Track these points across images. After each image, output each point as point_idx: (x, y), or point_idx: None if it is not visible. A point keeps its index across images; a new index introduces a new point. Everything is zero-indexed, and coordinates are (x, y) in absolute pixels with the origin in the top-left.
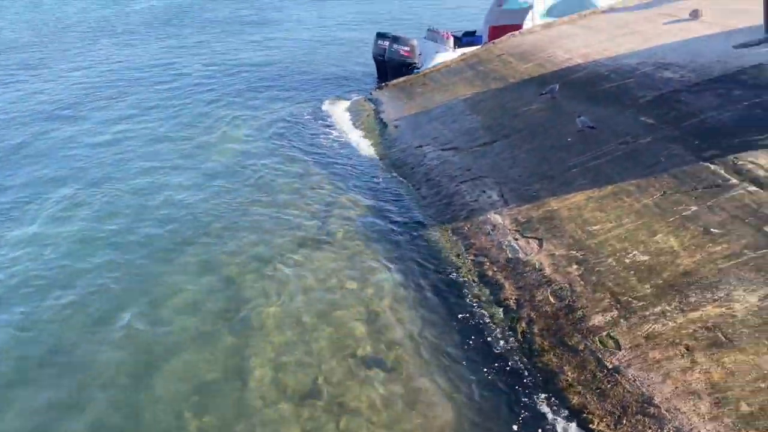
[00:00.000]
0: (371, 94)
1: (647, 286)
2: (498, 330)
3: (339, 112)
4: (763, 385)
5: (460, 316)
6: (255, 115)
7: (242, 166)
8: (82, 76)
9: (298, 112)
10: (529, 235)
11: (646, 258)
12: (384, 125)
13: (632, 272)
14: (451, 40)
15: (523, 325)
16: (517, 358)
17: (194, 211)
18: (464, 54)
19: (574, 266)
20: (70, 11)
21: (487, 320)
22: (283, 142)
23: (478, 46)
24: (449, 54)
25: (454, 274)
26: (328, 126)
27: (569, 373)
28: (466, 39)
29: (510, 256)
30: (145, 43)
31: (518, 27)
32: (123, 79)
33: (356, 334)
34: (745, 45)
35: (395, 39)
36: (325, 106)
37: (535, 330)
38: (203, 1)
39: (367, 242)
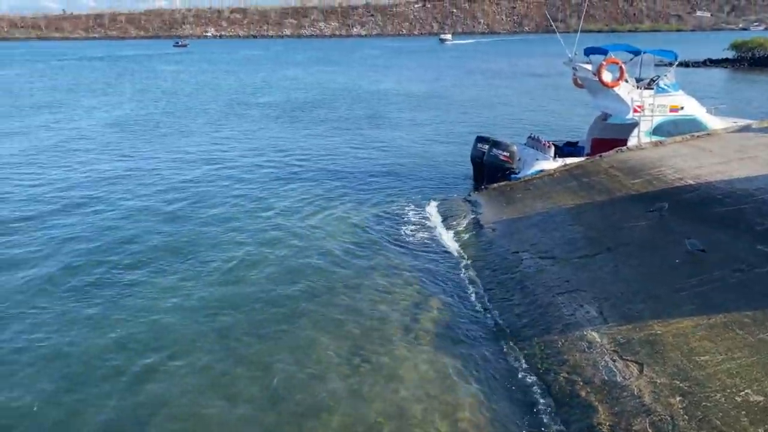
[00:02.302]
0: (470, 195)
1: (761, 430)
2: None
3: (435, 210)
4: None
5: None
6: (353, 208)
7: (334, 258)
8: (205, 154)
9: (396, 208)
10: (628, 358)
11: (760, 398)
12: (480, 227)
13: (743, 412)
14: (552, 149)
15: None
16: None
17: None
18: (567, 164)
19: (678, 397)
20: (202, 98)
21: None
22: (378, 237)
23: (582, 158)
24: (549, 162)
25: (543, 390)
26: (423, 224)
27: None
28: (567, 149)
29: (606, 377)
30: (263, 132)
31: (623, 142)
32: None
33: None
34: None
35: (495, 143)
36: (422, 204)
37: None
38: (323, 97)
39: (451, 349)
